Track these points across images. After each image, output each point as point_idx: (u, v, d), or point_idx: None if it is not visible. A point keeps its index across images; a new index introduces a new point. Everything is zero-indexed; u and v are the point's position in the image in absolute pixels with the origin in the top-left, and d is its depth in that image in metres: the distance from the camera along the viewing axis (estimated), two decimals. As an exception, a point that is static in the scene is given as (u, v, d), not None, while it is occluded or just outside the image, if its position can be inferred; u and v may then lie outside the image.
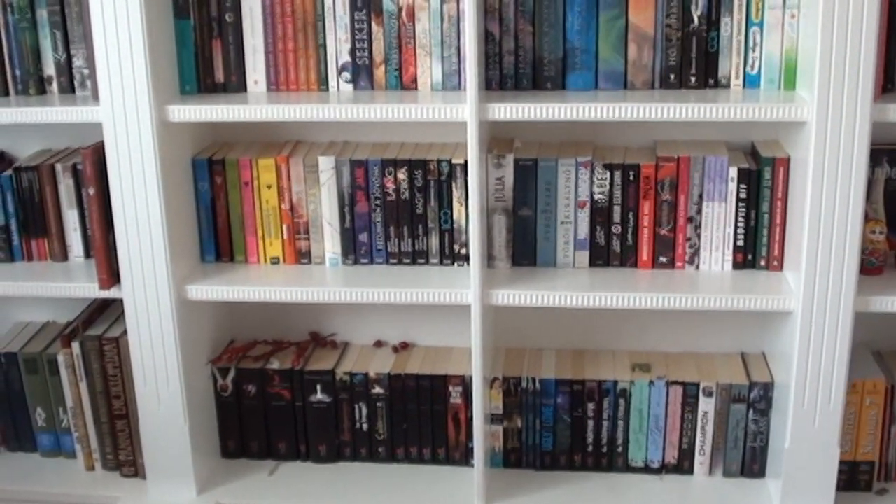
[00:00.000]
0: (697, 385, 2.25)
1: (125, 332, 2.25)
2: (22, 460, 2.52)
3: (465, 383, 2.31)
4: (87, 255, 2.35)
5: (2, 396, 2.49)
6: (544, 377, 2.30)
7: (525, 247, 2.21)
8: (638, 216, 2.16)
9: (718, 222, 2.14)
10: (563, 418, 2.31)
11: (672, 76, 2.08)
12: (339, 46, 2.14)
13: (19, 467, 2.49)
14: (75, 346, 2.35)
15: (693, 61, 2.07)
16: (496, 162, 2.14)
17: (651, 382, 2.26)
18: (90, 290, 2.23)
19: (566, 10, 2.06)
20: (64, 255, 2.36)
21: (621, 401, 2.28)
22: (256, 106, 2.06)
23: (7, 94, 2.30)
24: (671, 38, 2.06)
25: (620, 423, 2.29)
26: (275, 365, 2.37)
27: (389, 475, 2.36)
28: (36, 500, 2.40)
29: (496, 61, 2.10)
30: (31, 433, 2.50)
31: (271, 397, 2.38)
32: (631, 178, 2.14)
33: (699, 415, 2.26)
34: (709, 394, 2.25)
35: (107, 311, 2.44)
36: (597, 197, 2.15)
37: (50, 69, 2.27)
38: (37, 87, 2.28)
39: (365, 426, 2.37)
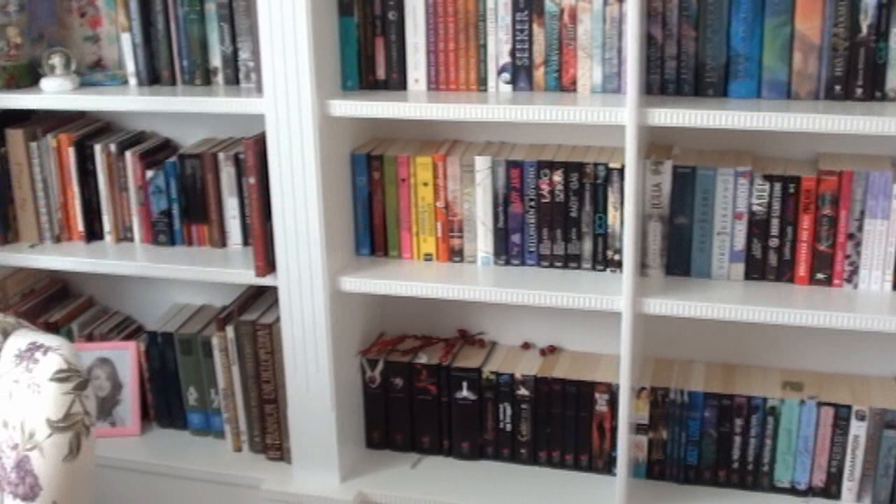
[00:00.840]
0: (850, 408, 2.18)
1: (278, 319, 2.31)
2: (172, 437, 2.60)
3: (612, 391, 2.28)
4: (245, 242, 2.41)
5: (156, 375, 2.58)
6: (692, 390, 2.26)
7: (679, 256, 2.17)
8: (796, 230, 2.10)
9: (880, 240, 2.07)
10: (709, 433, 2.27)
11: (837, 87, 2.01)
12: (499, 47, 2.14)
13: (169, 444, 2.58)
14: (229, 329, 2.41)
15: (860, 72, 2.00)
16: (654, 168, 2.11)
17: (802, 402, 2.20)
18: (246, 276, 2.30)
19: (731, 15, 2.02)
20: (223, 242, 2.43)
21: (770, 419, 2.22)
22: (416, 104, 2.08)
23: (174, 83, 2.38)
24: (838, 48, 1.99)
25: (768, 441, 2.24)
26: (423, 360, 2.39)
27: (530, 477, 2.36)
28: (184, 476, 2.49)
29: (657, 65, 2.07)
30: (183, 412, 2.58)
31: (418, 391, 2.40)
32: (791, 190, 2.08)
33: (850, 438, 2.19)
34: (861, 417, 2.17)
35: (261, 297, 2.50)
36: (755, 209, 2.10)
37: (216, 61, 2.33)
38: (203, 77, 2.35)
39: (508, 426, 2.37)
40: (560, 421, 2.34)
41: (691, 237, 2.15)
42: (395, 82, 2.20)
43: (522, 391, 2.34)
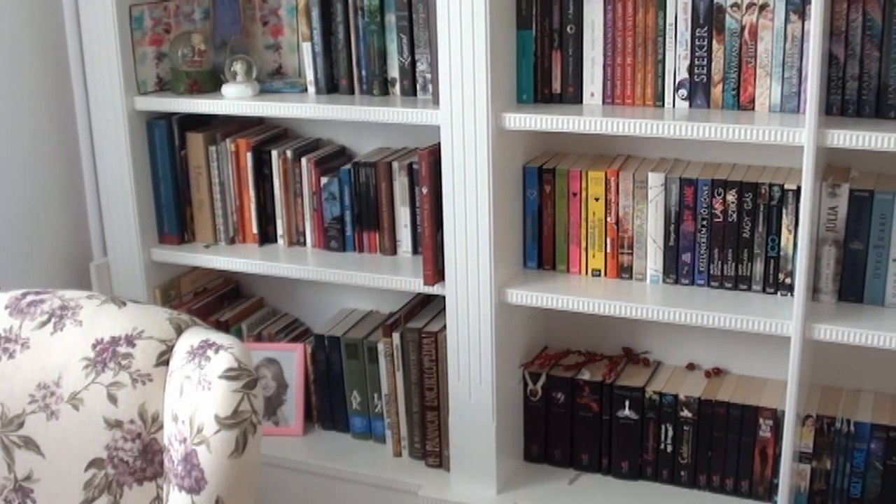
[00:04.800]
0: None
1: (444, 328, 2.33)
2: (334, 439, 2.65)
3: (777, 417, 2.23)
4: (415, 251, 2.44)
5: (322, 377, 2.63)
6: (860, 420, 2.19)
7: (853, 282, 2.11)
8: (980, 259, 2.03)
9: None
10: (875, 465, 2.19)
11: None
12: (678, 63, 2.12)
13: (331, 446, 2.62)
14: (396, 336, 2.45)
15: None
16: (830, 191, 2.06)
17: (980, 438, 2.12)
18: (415, 284, 2.33)
19: (917, 35, 1.96)
20: (393, 249, 2.46)
21: (942, 453, 2.14)
22: (592, 118, 2.08)
23: (352, 92, 2.43)
24: None
25: (939, 477, 2.16)
26: (586, 376, 2.38)
27: (689, 500, 2.32)
28: (343, 479, 2.52)
29: (838, 85, 2.02)
30: (346, 415, 2.63)
31: (579, 407, 2.39)
32: (973, 218, 2.01)
33: None
34: None
35: (428, 305, 2.53)
36: (935, 236, 2.03)
37: (394, 71, 2.37)
38: (380, 87, 2.39)
39: (669, 448, 2.34)
40: (722, 445, 2.30)
41: (866, 263, 2.08)
42: (571, 96, 2.20)
43: (685, 413, 2.31)
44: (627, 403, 2.35)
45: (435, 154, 2.22)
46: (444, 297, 2.29)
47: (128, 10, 2.46)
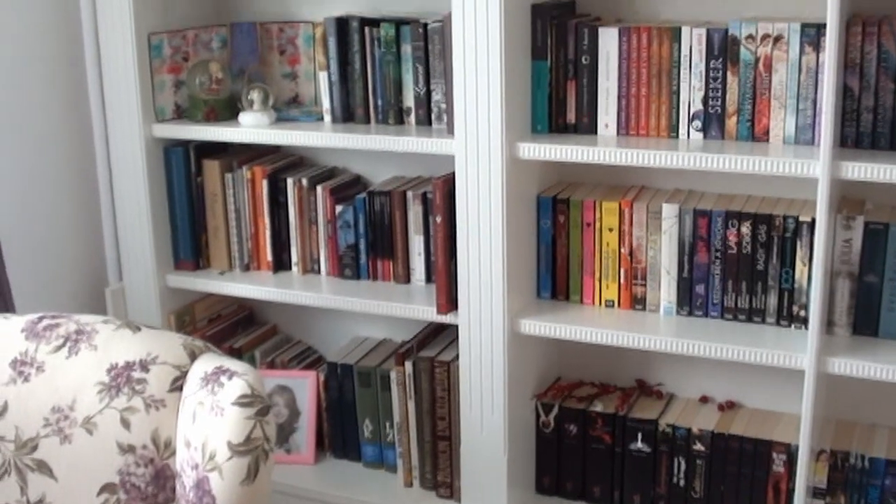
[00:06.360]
0: None
1: (457, 357, 2.33)
2: (346, 468, 2.64)
3: (790, 452, 2.22)
4: (428, 279, 2.44)
5: (334, 405, 2.63)
6: (874, 455, 2.18)
7: (867, 315, 2.10)
8: None
9: None
10: (889, 501, 2.17)
11: None
12: (692, 94, 2.12)
13: (342, 474, 2.61)
14: (408, 365, 2.45)
15: None
16: (845, 223, 2.06)
17: None
18: (428, 313, 2.33)
19: (933, 68, 1.97)
20: (406, 278, 2.47)
21: (958, 490, 2.13)
22: (606, 148, 2.09)
23: (368, 122, 2.44)
24: None
25: (956, 514, 2.15)
26: (598, 408, 2.38)
27: (702, 533, 2.31)
28: (354, 508, 2.52)
29: (853, 118, 2.02)
30: (358, 443, 2.62)
31: (592, 439, 2.38)
32: None
33: None
34: None
35: (441, 334, 2.53)
36: (950, 270, 2.03)
37: (409, 101, 2.38)
38: (395, 117, 2.40)
39: (682, 482, 2.33)
40: (735, 479, 2.28)
41: (881, 296, 2.08)
42: (585, 126, 2.21)
43: (698, 446, 2.30)
44: (640, 436, 2.34)
45: (449, 183, 2.23)
46: (456, 327, 2.29)
47: (147, 39, 2.49)
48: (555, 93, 2.22)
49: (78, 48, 2.59)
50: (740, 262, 2.16)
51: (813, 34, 2.01)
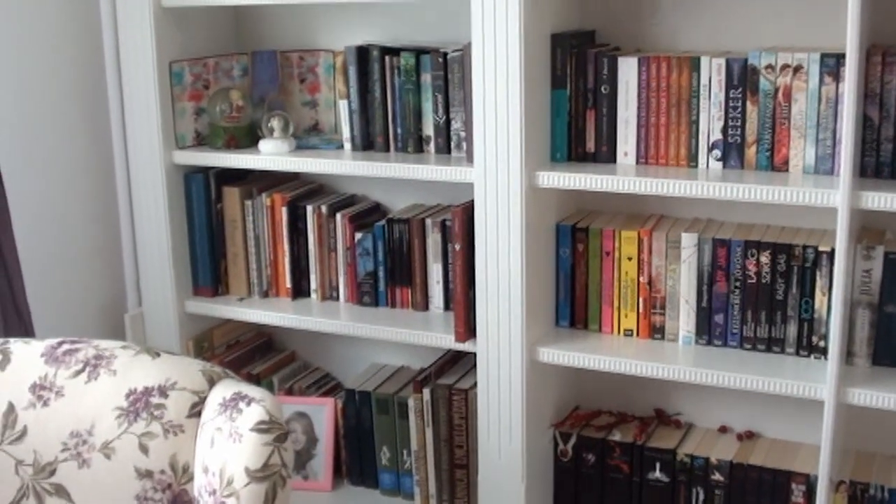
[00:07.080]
0: None
1: (475, 385, 2.33)
2: (363, 495, 2.63)
3: (810, 482, 2.20)
4: (447, 307, 2.44)
5: (352, 432, 2.62)
6: (894, 487, 2.16)
7: (888, 345, 2.09)
8: None
9: None
10: (911, 532, 2.17)
11: None
12: (711, 124, 2.13)
13: (360, 502, 2.61)
14: (426, 392, 2.45)
15: None
16: (865, 253, 2.05)
17: None
18: (446, 340, 2.33)
19: (952, 97, 1.96)
20: (425, 305, 2.47)
21: (980, 522, 2.11)
22: (625, 177, 2.09)
23: (387, 150, 2.45)
24: None
25: (976, 547, 2.13)
26: (617, 437, 2.37)
27: (721, 564, 2.30)
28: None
29: (873, 147, 2.02)
30: (375, 470, 2.62)
31: (610, 469, 2.37)
32: None
33: None
34: None
35: (459, 362, 2.53)
36: (973, 302, 2.02)
37: (429, 129, 2.39)
38: (415, 145, 2.41)
39: (700, 511, 2.32)
40: (754, 509, 2.28)
41: (901, 327, 2.08)
42: (604, 155, 2.21)
43: (717, 476, 2.28)
44: (658, 465, 2.32)
45: (468, 211, 2.24)
46: (475, 354, 2.29)
47: (168, 66, 2.51)
48: (574, 122, 2.23)
49: (100, 75, 2.61)
50: (759, 292, 2.15)
51: (832, 64, 2.01)
